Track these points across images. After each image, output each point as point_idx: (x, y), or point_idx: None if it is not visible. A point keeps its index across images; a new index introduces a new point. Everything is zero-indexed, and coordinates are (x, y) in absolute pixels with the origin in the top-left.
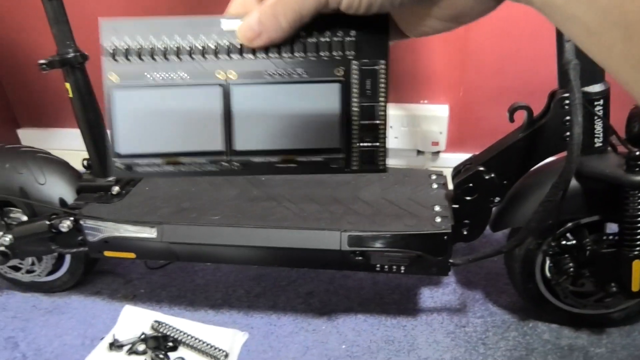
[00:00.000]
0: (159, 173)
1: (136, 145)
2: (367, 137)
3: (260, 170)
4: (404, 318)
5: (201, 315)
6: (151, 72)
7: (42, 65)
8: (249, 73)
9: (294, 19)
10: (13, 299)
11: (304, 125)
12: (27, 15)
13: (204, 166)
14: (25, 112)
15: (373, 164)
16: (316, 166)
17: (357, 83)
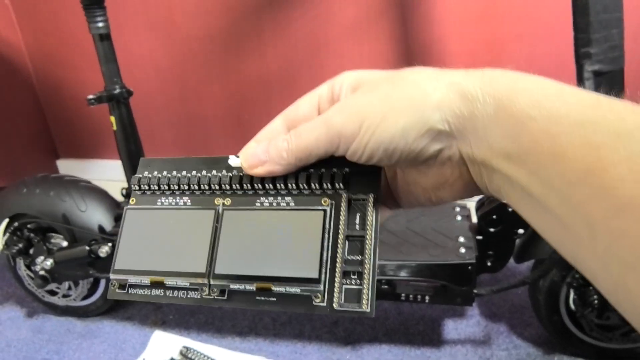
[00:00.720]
0: (148, 297)
1: (131, 262)
2: (352, 274)
3: (239, 301)
4: (428, 349)
5: (228, 342)
6: (162, 198)
7: (90, 100)
8: (243, 201)
9: (302, 157)
10: (48, 322)
11: (285, 253)
12: (72, 53)
13: (187, 292)
14: (65, 143)
15: (357, 303)
16: (294, 300)
17: (345, 216)
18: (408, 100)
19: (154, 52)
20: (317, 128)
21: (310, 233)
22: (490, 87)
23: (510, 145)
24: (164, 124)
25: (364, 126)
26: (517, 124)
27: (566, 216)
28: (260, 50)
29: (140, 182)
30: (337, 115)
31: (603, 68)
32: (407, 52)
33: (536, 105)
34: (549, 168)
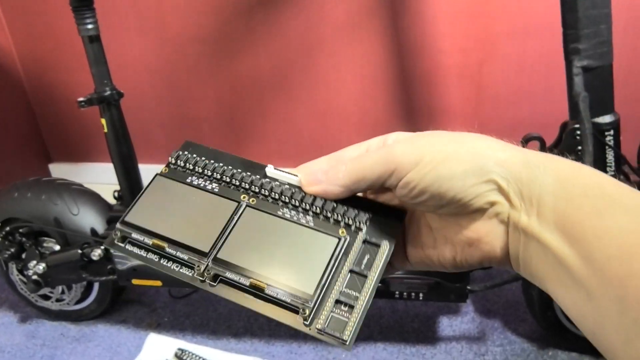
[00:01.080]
0: (142, 257)
1: (142, 219)
2: (343, 306)
3: (227, 291)
4: (423, 346)
5: (223, 344)
6: (192, 177)
7: (80, 102)
8: (267, 205)
9: (356, 180)
10: (42, 327)
11: (290, 262)
12: (62, 56)
13: (182, 266)
14: (57, 146)
15: (338, 332)
16: (281, 309)
17: (355, 253)
18: (474, 149)
19: (145, 54)
20: (376, 153)
21: (318, 254)
22: (553, 164)
23: (559, 217)
24: (157, 126)
25: (425, 160)
26: (573, 199)
27: (597, 288)
28: (252, 50)
29: (179, 158)
30: (399, 144)
31: (592, 63)
32: (399, 50)
33: (593, 187)
34: (592, 241)
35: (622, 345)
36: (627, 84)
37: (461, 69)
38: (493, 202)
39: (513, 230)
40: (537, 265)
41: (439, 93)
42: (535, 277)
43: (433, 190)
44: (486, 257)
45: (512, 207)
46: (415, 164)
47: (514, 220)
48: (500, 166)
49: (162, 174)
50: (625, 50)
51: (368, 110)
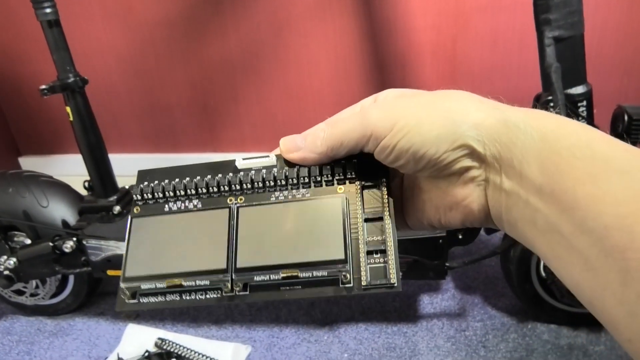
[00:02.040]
0: (162, 303)
1: (142, 268)
2: (375, 254)
3: (262, 293)
4: (404, 325)
5: (204, 331)
6: (169, 204)
7: (43, 90)
8: (256, 197)
9: (334, 146)
10: (17, 323)
11: (307, 239)
12: (26, 46)
13: (205, 291)
14: (26, 140)
15: (384, 279)
16: (322, 283)
17: (361, 202)
18: (447, 112)
19: (112, 40)
20: (352, 119)
21: (330, 219)
22: (535, 122)
23: (547, 181)
24: (128, 114)
25: (397, 125)
26: (560, 161)
27: (596, 259)
28: (222, 33)
29: (143, 192)
30: (374, 110)
31: (563, 34)
32: (371, 28)
33: (582, 146)
34: (586, 209)
35: (625, 318)
36: (600, 56)
37: (435, 46)
38: (467, 167)
39: (493, 192)
40: (524, 228)
41: (414, 71)
42: (523, 239)
43: (408, 156)
44: (467, 219)
45: (490, 170)
46: (390, 129)
47: (495, 183)
48: (475, 129)
49: (136, 216)
50: (597, 20)
51: (343, 90)
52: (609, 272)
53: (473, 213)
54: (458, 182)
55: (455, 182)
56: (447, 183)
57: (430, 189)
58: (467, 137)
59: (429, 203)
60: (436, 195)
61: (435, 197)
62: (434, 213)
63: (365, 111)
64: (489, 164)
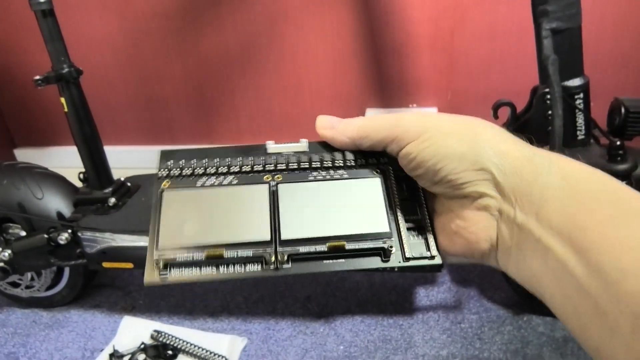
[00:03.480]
0: (197, 276)
1: (179, 238)
2: (413, 231)
3: (305, 265)
4: (400, 317)
5: (200, 323)
6: (202, 179)
7: (37, 81)
8: (294, 176)
9: (361, 135)
10: (13, 315)
11: (351, 214)
12: (20, 36)
13: (247, 263)
14: (21, 131)
15: (425, 252)
16: (367, 256)
17: (394, 185)
18: (475, 135)
19: (108, 31)
20: (387, 118)
21: (371, 196)
22: (561, 163)
23: (565, 220)
24: (124, 106)
25: (426, 134)
26: (583, 203)
27: (607, 303)
28: (218, 25)
29: (169, 169)
30: (408, 115)
31: (561, 25)
32: (369, 20)
33: (607, 192)
34: (604, 251)
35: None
36: (597, 48)
37: (432, 39)
38: (482, 193)
39: (506, 225)
40: (532, 265)
41: (411, 64)
42: (528, 278)
43: (429, 166)
44: (469, 249)
45: (505, 202)
46: (417, 136)
47: (508, 216)
48: (499, 157)
49: (167, 189)
50: (595, 12)
51: (340, 83)
52: (619, 318)
53: (478, 242)
54: (471, 206)
55: (467, 206)
56: (459, 205)
57: (441, 210)
58: (490, 162)
59: (440, 225)
60: (445, 217)
61: (444, 218)
62: (438, 235)
63: (399, 115)
64: (505, 195)
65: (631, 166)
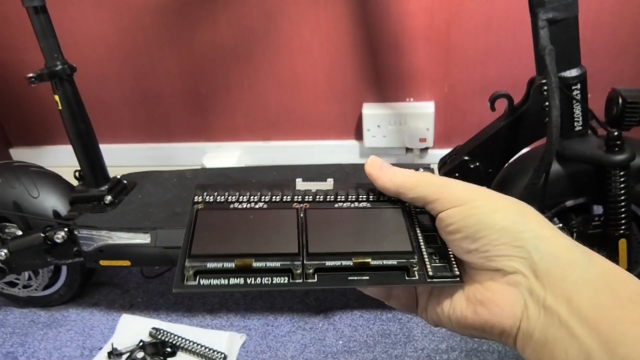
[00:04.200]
0: (224, 286)
1: (211, 247)
2: (435, 256)
3: (330, 280)
4: (399, 312)
5: (199, 321)
6: (234, 204)
7: (30, 78)
8: (321, 205)
9: (404, 186)
10: (11, 315)
11: (375, 234)
12: (14, 33)
13: (274, 275)
14: (16, 130)
15: (447, 272)
16: (390, 273)
17: (415, 218)
18: (522, 216)
19: (102, 28)
20: (438, 178)
21: (394, 221)
22: (600, 260)
23: (596, 313)
24: (120, 103)
25: (475, 202)
26: (616, 300)
27: None
28: (213, 20)
29: (205, 196)
30: (461, 183)
31: (557, 16)
32: (364, 13)
33: (638, 293)
34: (631, 348)
35: None
36: (594, 39)
37: (428, 31)
38: (516, 269)
39: (534, 305)
40: (554, 351)
41: (408, 56)
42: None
43: (470, 233)
44: (491, 323)
45: (538, 282)
46: (465, 202)
47: (538, 297)
48: (540, 240)
49: (202, 209)
50: (591, 3)
51: (336, 78)
52: None
53: (502, 317)
54: (501, 280)
55: (497, 279)
56: (488, 277)
57: (466, 280)
58: (530, 243)
59: (462, 295)
60: (470, 287)
61: (469, 289)
62: (460, 305)
63: (451, 180)
64: (538, 276)
65: (629, 157)
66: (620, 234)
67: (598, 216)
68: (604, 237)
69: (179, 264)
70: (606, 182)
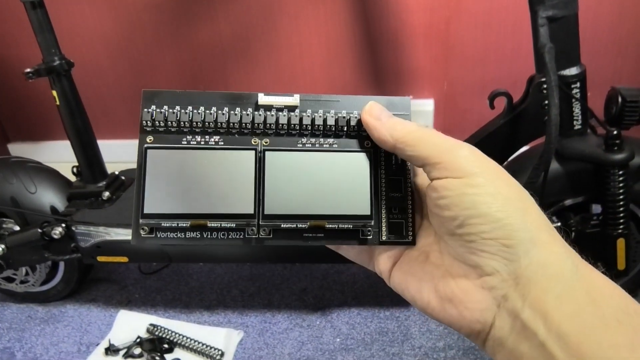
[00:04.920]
0: (181, 240)
1: (163, 205)
2: (394, 210)
3: (287, 238)
4: (397, 309)
5: (196, 317)
6: (187, 137)
7: (28, 73)
8: (283, 141)
9: (405, 141)
10: (8, 310)
11: (335, 192)
12: (11, 28)
13: (230, 232)
14: (14, 126)
15: (401, 235)
16: (345, 235)
17: (383, 157)
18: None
19: (100, 22)
20: (443, 137)
21: (358, 173)
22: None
23: (577, 331)
24: (117, 99)
25: (477, 178)
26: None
27: None
28: (211, 16)
29: (153, 117)
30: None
31: (557, 13)
32: (363, 9)
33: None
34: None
35: None
36: (594, 37)
37: (427, 28)
38: (494, 271)
39: (507, 315)
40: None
41: (407, 54)
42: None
43: (461, 214)
44: (459, 323)
45: (516, 290)
46: (466, 174)
47: (514, 307)
48: (534, 244)
49: (151, 146)
50: (591, 1)
51: (334, 73)
52: None
53: (471, 322)
54: (475, 281)
55: (471, 278)
56: (462, 272)
57: (442, 266)
58: (522, 246)
59: (429, 278)
60: (443, 281)
61: (442, 282)
62: (427, 291)
63: (460, 143)
64: (519, 283)
65: (628, 156)
66: (618, 233)
67: (596, 215)
68: (602, 236)
69: (133, 218)
70: (605, 181)
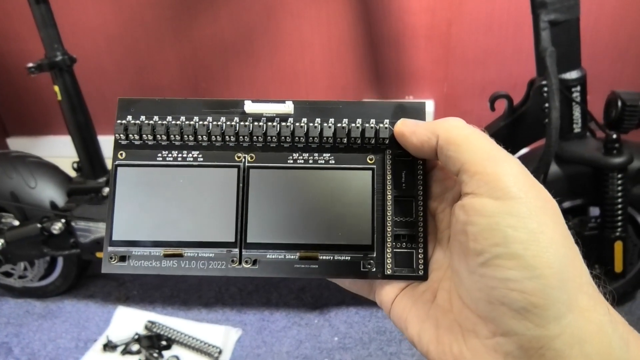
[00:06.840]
0: (155, 269)
1: (134, 232)
2: (403, 238)
3: (274, 269)
4: None
5: (194, 314)
6: (162, 152)
7: (30, 68)
8: (271, 157)
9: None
10: (6, 305)
11: (330, 217)
12: (13, 23)
13: (209, 262)
14: (14, 120)
15: (411, 268)
16: (342, 267)
17: (390, 174)
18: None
19: (102, 19)
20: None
21: (357, 196)
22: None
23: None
24: (117, 95)
25: (522, 201)
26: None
27: None
28: (213, 13)
29: (129, 130)
30: (517, 164)
31: (559, 17)
32: (365, 10)
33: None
34: None
35: None
36: (594, 41)
37: (429, 30)
38: (512, 332)
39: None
40: None
41: (408, 55)
42: None
43: (487, 250)
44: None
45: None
46: (506, 196)
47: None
48: (570, 310)
49: (122, 163)
50: (593, 3)
51: (336, 74)
52: None
53: None
54: (487, 342)
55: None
56: (473, 325)
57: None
58: (554, 309)
59: (435, 327)
60: (451, 335)
61: (450, 336)
62: (429, 339)
63: (508, 156)
64: (543, 356)
65: (627, 159)
66: (616, 236)
67: (595, 218)
68: (600, 239)
69: (104, 243)
70: (604, 184)
